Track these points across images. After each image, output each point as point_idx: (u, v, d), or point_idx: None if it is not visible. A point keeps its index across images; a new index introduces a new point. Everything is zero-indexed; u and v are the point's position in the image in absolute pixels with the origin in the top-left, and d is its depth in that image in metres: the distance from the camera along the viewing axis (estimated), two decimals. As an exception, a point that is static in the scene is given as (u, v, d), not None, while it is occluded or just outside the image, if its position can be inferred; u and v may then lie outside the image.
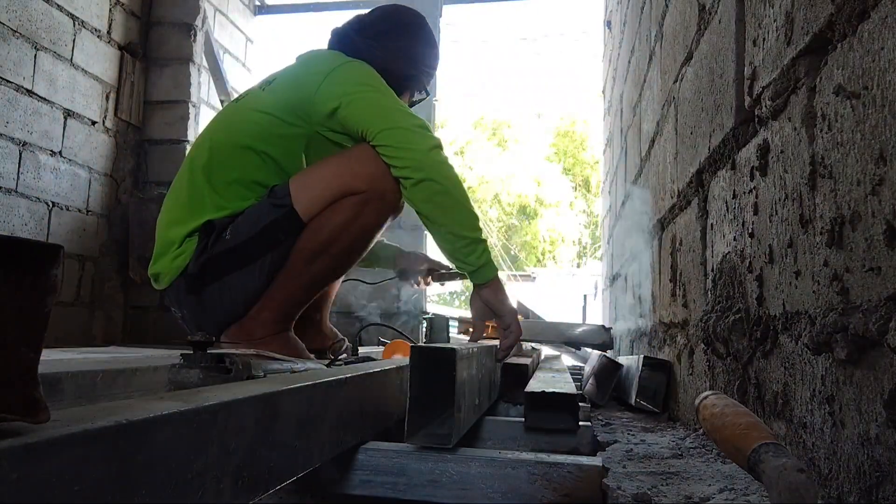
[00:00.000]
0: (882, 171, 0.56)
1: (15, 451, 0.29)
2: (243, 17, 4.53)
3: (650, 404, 1.47)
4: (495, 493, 0.76)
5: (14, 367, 0.30)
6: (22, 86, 2.85)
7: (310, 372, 1.08)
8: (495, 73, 29.66)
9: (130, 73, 3.58)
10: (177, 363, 0.98)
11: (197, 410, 0.45)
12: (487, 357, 1.20)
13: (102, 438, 0.35)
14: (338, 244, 1.47)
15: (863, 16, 0.60)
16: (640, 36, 2.21)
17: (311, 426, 0.66)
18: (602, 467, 0.78)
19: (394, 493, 0.78)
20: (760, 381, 0.88)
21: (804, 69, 0.73)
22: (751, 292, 0.92)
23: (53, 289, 0.31)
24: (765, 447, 0.56)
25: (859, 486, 0.59)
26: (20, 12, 2.83)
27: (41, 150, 2.97)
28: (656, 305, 1.78)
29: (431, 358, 0.83)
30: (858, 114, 0.61)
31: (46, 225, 3.01)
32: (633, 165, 2.42)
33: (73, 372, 0.86)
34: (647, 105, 2.04)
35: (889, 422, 0.54)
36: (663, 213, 1.64)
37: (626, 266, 2.61)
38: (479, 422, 1.10)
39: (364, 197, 1.44)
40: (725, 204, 1.05)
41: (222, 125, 1.58)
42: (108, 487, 0.35)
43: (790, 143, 0.77)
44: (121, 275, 3.48)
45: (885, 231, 0.55)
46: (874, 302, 0.56)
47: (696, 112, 1.24)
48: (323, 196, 1.44)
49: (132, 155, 3.63)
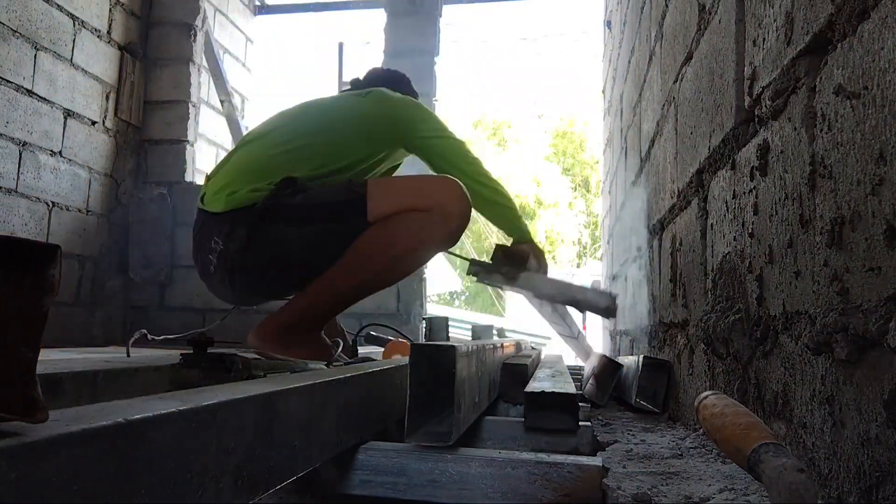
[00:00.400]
0: (882, 171, 0.56)
1: (13, 450, 0.29)
2: (243, 17, 4.53)
3: (650, 404, 1.47)
4: (495, 493, 0.76)
5: (13, 367, 0.30)
6: (22, 86, 2.85)
7: (310, 372, 1.08)
8: (495, 73, 29.64)
9: (130, 73, 3.58)
10: (177, 363, 0.98)
11: (196, 410, 0.45)
12: (487, 355, 1.20)
13: (101, 438, 0.35)
14: (394, 250, 1.50)
15: (863, 16, 0.60)
16: (640, 36, 2.21)
17: (310, 426, 0.66)
18: (602, 467, 0.78)
19: (394, 493, 0.78)
20: (760, 381, 0.88)
21: (804, 69, 0.73)
22: (751, 292, 0.91)
23: (52, 289, 0.31)
24: (765, 447, 0.56)
25: (859, 486, 0.59)
26: (20, 12, 2.83)
27: (41, 150, 2.97)
28: (656, 305, 1.78)
29: (431, 356, 0.83)
30: (858, 114, 0.61)
31: (46, 225, 3.01)
32: (633, 165, 2.42)
33: (74, 372, 0.86)
34: (647, 105, 2.04)
35: (889, 422, 0.54)
36: (663, 213, 1.64)
37: (626, 266, 2.61)
38: (479, 422, 1.10)
39: (430, 214, 1.49)
40: (725, 204, 1.05)
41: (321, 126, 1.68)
42: (107, 487, 0.35)
43: (790, 143, 0.77)
44: (121, 275, 3.48)
45: (885, 231, 0.55)
46: (874, 302, 0.56)
47: (696, 112, 1.24)
48: (393, 202, 1.50)
49: (132, 155, 3.63)
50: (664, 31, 1.65)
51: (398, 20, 3.76)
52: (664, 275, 1.64)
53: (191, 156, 3.76)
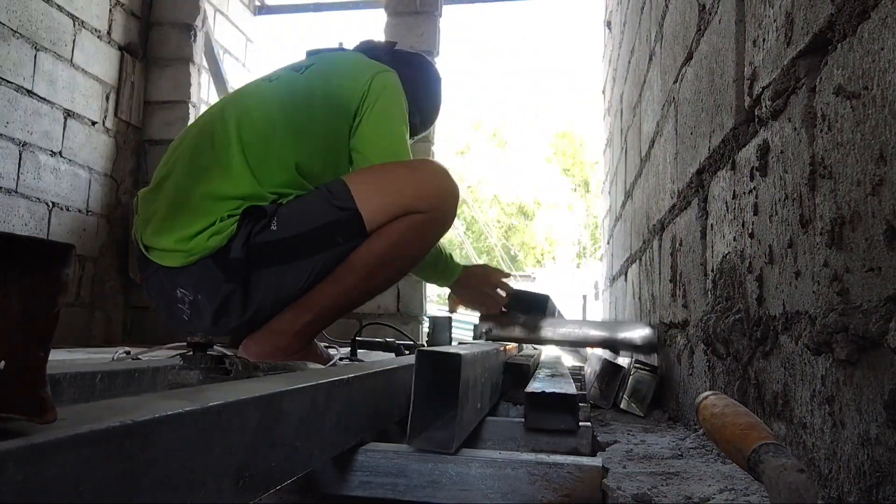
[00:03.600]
0: (882, 171, 0.56)
1: (20, 451, 0.29)
2: (243, 18, 4.53)
3: (637, 408, 1.47)
4: (495, 493, 0.76)
5: (23, 367, 0.30)
6: (22, 86, 2.85)
7: (310, 372, 1.08)
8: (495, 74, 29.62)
9: (130, 74, 3.58)
10: (177, 365, 0.98)
11: (202, 410, 0.45)
12: (491, 360, 1.20)
13: (108, 439, 0.35)
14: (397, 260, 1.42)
15: (863, 16, 0.60)
16: (640, 36, 2.21)
17: (311, 426, 0.66)
18: (602, 468, 0.78)
19: (393, 494, 0.78)
20: (760, 381, 0.88)
21: (804, 69, 0.73)
22: (751, 292, 0.92)
23: (64, 288, 0.31)
24: (765, 447, 0.56)
25: (859, 486, 0.59)
26: (20, 12, 2.83)
27: (41, 150, 2.97)
28: (656, 305, 1.78)
29: (437, 363, 0.83)
30: (858, 114, 0.61)
31: (46, 225, 3.01)
32: (633, 166, 2.43)
33: (73, 373, 0.86)
34: (646, 105, 2.04)
35: (889, 422, 0.54)
36: (663, 213, 1.64)
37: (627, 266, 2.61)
38: (480, 422, 1.10)
39: (427, 217, 1.40)
40: (725, 204, 1.06)
41: (256, 101, 1.48)
42: (113, 488, 0.35)
43: (790, 143, 0.78)
44: (121, 275, 3.48)
45: (885, 231, 0.55)
46: (874, 302, 0.57)
47: (696, 112, 1.25)
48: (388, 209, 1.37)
49: (132, 155, 3.63)
50: (664, 31, 1.65)
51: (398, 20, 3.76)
52: (664, 275, 1.64)
53: (191, 156, 3.76)
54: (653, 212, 1.86)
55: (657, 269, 1.77)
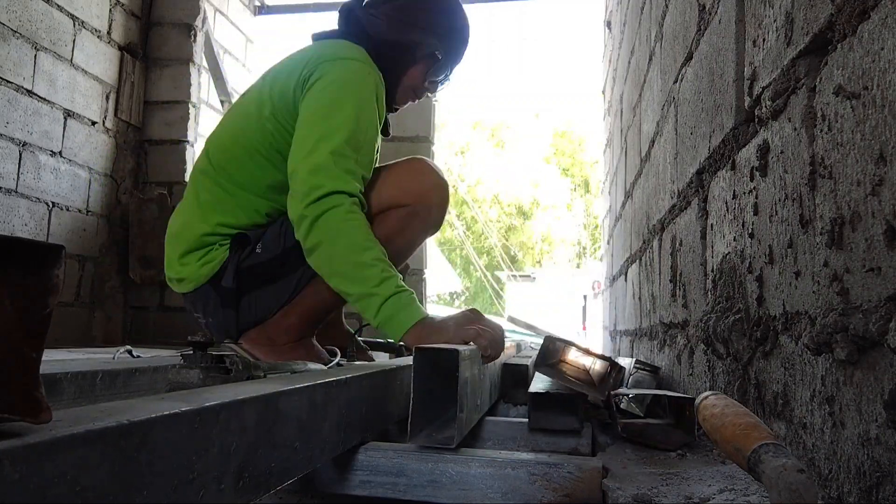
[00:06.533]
0: (882, 171, 0.56)
1: (17, 451, 0.29)
2: (243, 18, 4.53)
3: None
4: (495, 493, 0.76)
5: (16, 368, 0.29)
6: (22, 86, 2.85)
7: (310, 373, 1.08)
8: (495, 74, 29.63)
9: (130, 74, 3.58)
10: (177, 364, 0.98)
11: (199, 411, 0.45)
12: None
13: (104, 439, 0.35)
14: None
15: (863, 16, 0.60)
16: (640, 36, 2.21)
17: (311, 426, 0.66)
18: (602, 468, 0.78)
19: (394, 494, 0.78)
20: (760, 381, 0.88)
21: (804, 69, 0.73)
22: (751, 293, 0.92)
23: (55, 289, 0.31)
24: (765, 447, 0.56)
25: (859, 486, 0.59)
26: (20, 12, 2.83)
27: (41, 150, 2.97)
28: (656, 305, 1.78)
29: (434, 359, 0.83)
30: (858, 114, 0.61)
31: (46, 225, 3.01)
32: (633, 166, 2.42)
33: (73, 372, 0.86)
34: (647, 105, 2.04)
35: (889, 422, 0.54)
36: (663, 213, 1.64)
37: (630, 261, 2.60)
38: (480, 422, 1.10)
39: (410, 210, 1.40)
40: (725, 204, 1.05)
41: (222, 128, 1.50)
42: (110, 488, 0.35)
43: (790, 143, 0.78)
44: (121, 275, 3.48)
45: (885, 231, 0.55)
46: (874, 302, 0.56)
47: (696, 112, 1.24)
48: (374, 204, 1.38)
49: (132, 155, 3.63)
50: (664, 31, 1.65)
51: (398, 20, 3.75)
52: (664, 275, 1.64)
53: (191, 156, 3.76)
54: (653, 212, 1.86)
55: (657, 269, 1.77)
